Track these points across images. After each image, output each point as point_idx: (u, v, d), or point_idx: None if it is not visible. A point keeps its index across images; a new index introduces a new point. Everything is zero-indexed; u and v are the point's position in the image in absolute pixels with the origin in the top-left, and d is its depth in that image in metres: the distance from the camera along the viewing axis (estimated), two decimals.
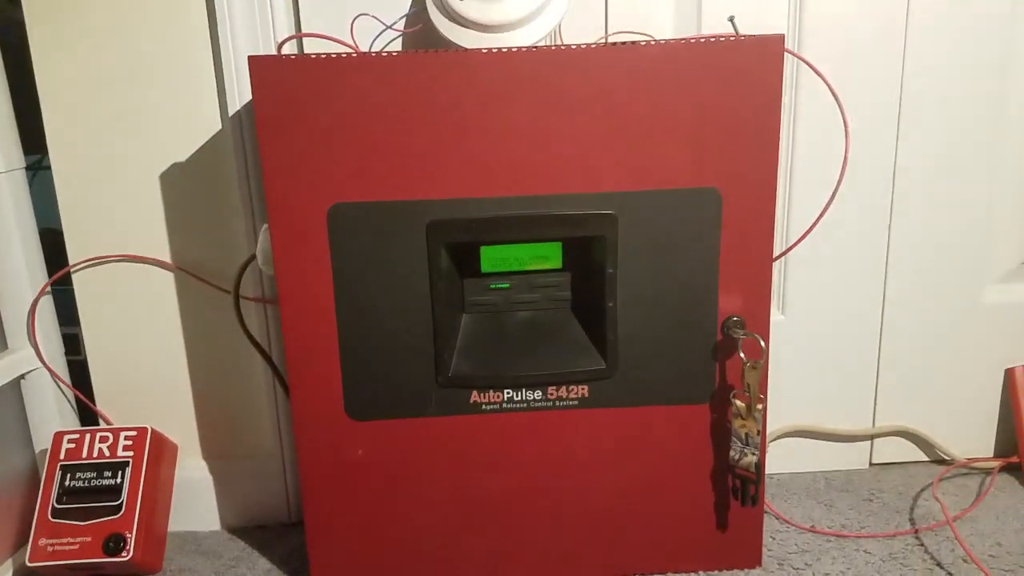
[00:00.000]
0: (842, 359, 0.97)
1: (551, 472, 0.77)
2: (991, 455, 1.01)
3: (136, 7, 0.81)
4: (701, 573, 0.80)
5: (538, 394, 0.75)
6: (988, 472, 0.98)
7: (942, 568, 0.79)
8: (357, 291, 0.71)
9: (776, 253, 0.90)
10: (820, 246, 0.92)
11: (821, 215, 0.77)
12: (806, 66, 0.81)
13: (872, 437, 1.00)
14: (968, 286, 0.95)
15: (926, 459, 1.01)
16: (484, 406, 0.75)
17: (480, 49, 0.67)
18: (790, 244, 0.90)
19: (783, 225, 0.92)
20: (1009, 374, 0.98)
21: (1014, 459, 0.97)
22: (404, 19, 0.80)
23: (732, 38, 0.66)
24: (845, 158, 0.77)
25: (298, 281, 0.71)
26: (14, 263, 0.87)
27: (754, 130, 0.69)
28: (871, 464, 1.01)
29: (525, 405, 0.75)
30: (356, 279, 0.71)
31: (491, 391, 0.75)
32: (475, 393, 0.75)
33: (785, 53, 0.68)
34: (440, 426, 0.75)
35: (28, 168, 0.90)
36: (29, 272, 0.88)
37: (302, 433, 0.74)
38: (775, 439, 0.98)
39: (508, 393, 0.75)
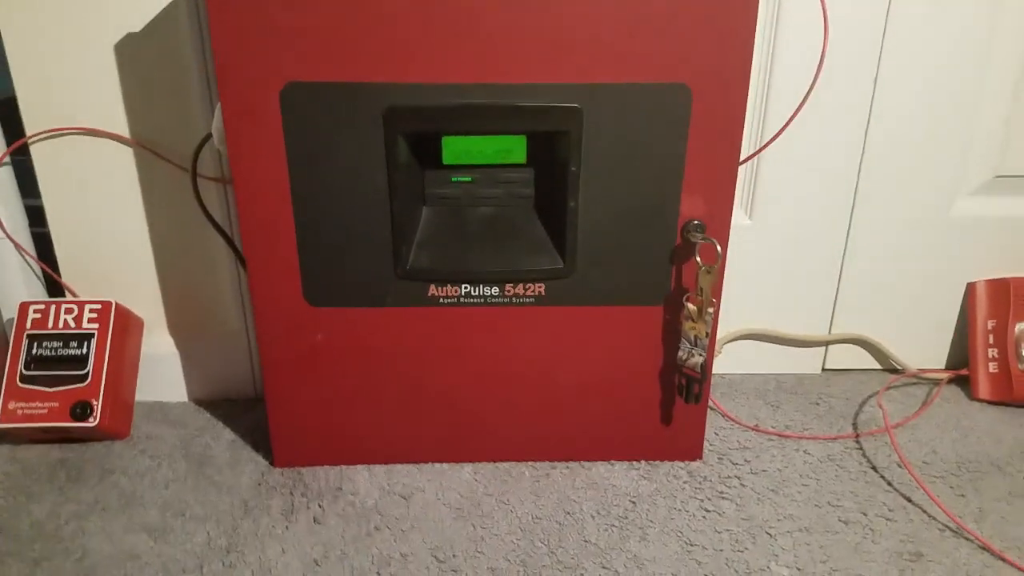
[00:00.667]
0: (805, 266, 0.97)
1: (505, 364, 0.79)
2: (943, 366, 1.04)
3: None
4: (644, 463, 0.84)
5: (495, 290, 0.75)
6: (936, 383, 1.01)
7: (876, 471, 0.83)
8: (313, 177, 0.70)
9: (746, 155, 0.88)
10: (792, 150, 0.91)
11: (792, 117, 0.75)
12: None
13: (827, 343, 1.02)
14: (939, 197, 0.95)
15: (879, 367, 1.04)
16: (441, 299, 0.76)
17: None
18: (760, 146, 0.88)
19: (757, 128, 0.90)
20: (970, 288, 0.99)
21: (964, 371, 1.00)
22: None
23: None
24: (822, 56, 0.74)
25: (251, 163, 0.69)
26: None
27: (729, 25, 0.66)
28: (823, 370, 1.04)
29: (482, 300, 0.76)
30: (312, 164, 0.70)
31: (448, 285, 0.75)
32: (432, 287, 0.75)
33: None
34: (398, 316, 0.76)
35: None
36: None
37: (261, 317, 0.75)
38: (730, 341, 1.00)
39: (465, 288, 0.75)
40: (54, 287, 0.95)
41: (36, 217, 0.92)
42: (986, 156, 0.93)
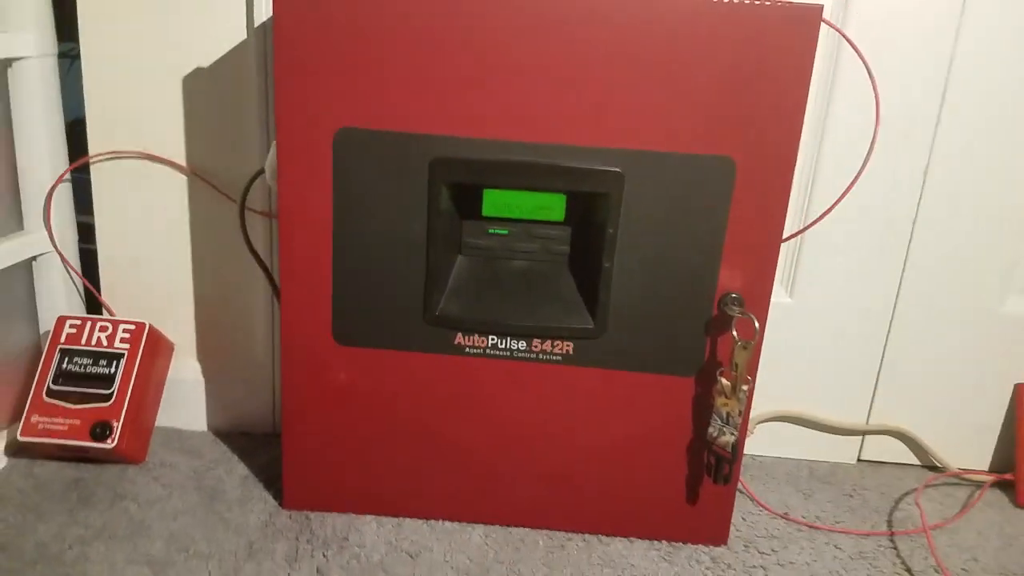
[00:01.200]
0: (845, 350, 0.94)
1: (527, 423, 0.77)
2: (986, 469, 0.99)
3: None
4: (665, 543, 0.80)
5: (522, 344, 0.75)
6: (979, 485, 0.96)
7: (911, 574, 0.78)
8: (356, 218, 0.71)
9: (791, 232, 0.87)
10: (839, 232, 0.89)
11: (840, 199, 0.74)
12: (846, 42, 0.77)
13: (864, 433, 0.98)
14: (989, 293, 0.91)
15: (917, 463, 0.99)
16: (467, 348, 0.75)
17: None
18: (805, 225, 0.87)
19: (803, 206, 0.89)
20: (1018, 389, 0.95)
21: (1008, 476, 0.95)
22: None
23: (768, 3, 0.63)
24: (873, 142, 0.73)
25: (298, 200, 0.71)
26: (37, 148, 0.88)
27: (779, 103, 0.66)
28: (859, 460, 1.00)
29: (508, 354, 0.75)
30: (356, 206, 0.71)
31: (476, 335, 0.74)
32: (460, 335, 0.74)
33: (823, 25, 0.64)
34: (423, 362, 0.75)
35: (63, 56, 0.90)
36: (51, 158, 0.89)
37: (288, 350, 0.75)
38: (764, 421, 0.97)
39: (492, 339, 0.75)
40: (94, 304, 0.97)
41: (86, 234, 0.95)
42: None
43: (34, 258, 0.91)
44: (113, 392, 0.86)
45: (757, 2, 0.63)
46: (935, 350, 0.94)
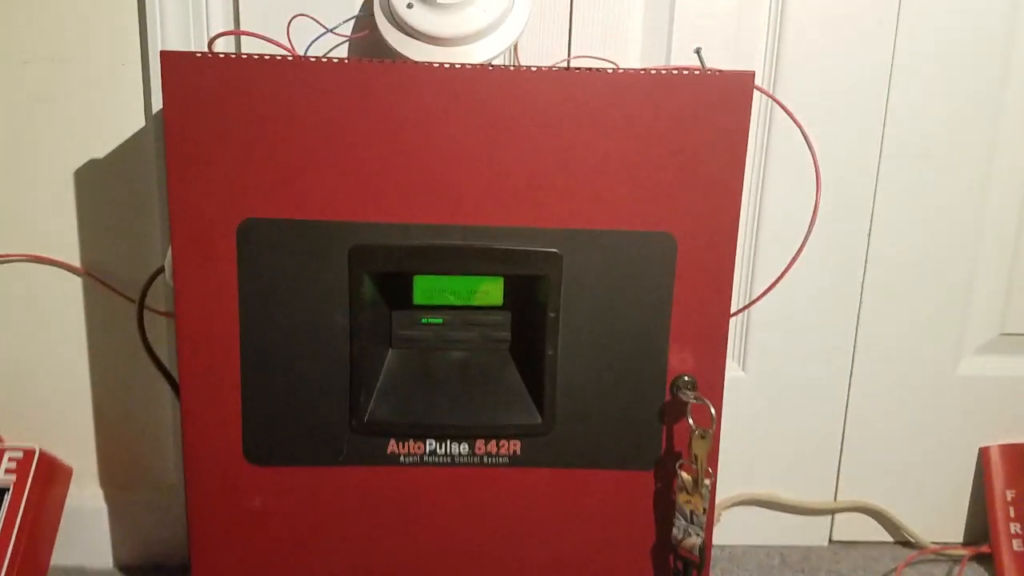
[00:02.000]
0: (805, 425, 0.90)
1: (475, 537, 0.69)
2: (960, 540, 0.94)
3: None
4: None
5: (464, 448, 0.67)
6: (956, 560, 0.91)
7: None
8: (267, 316, 0.63)
9: (738, 307, 0.83)
10: (787, 301, 0.86)
11: (786, 270, 0.71)
12: (780, 108, 0.75)
13: (833, 512, 0.92)
14: (943, 355, 0.89)
15: (891, 540, 0.94)
16: (402, 457, 0.67)
17: (423, 63, 0.60)
18: (753, 298, 0.83)
19: (747, 277, 0.86)
20: (983, 453, 0.91)
21: (985, 548, 0.90)
22: (350, 24, 0.73)
23: (698, 71, 0.60)
24: (815, 208, 0.71)
25: (198, 301, 0.63)
26: None
27: (717, 173, 0.63)
28: (831, 541, 0.94)
29: (449, 460, 0.67)
30: (266, 302, 0.63)
31: (411, 441, 0.67)
32: (393, 442, 0.67)
33: (756, 92, 0.62)
34: (352, 477, 0.67)
35: None
36: None
37: (193, 475, 0.66)
38: (728, 507, 0.91)
39: (431, 444, 0.67)
40: None
41: None
42: (990, 312, 0.89)
43: None
44: None
45: (687, 71, 0.60)
46: (896, 419, 0.90)
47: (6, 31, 0.75)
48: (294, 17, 0.71)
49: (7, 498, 0.76)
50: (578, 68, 0.61)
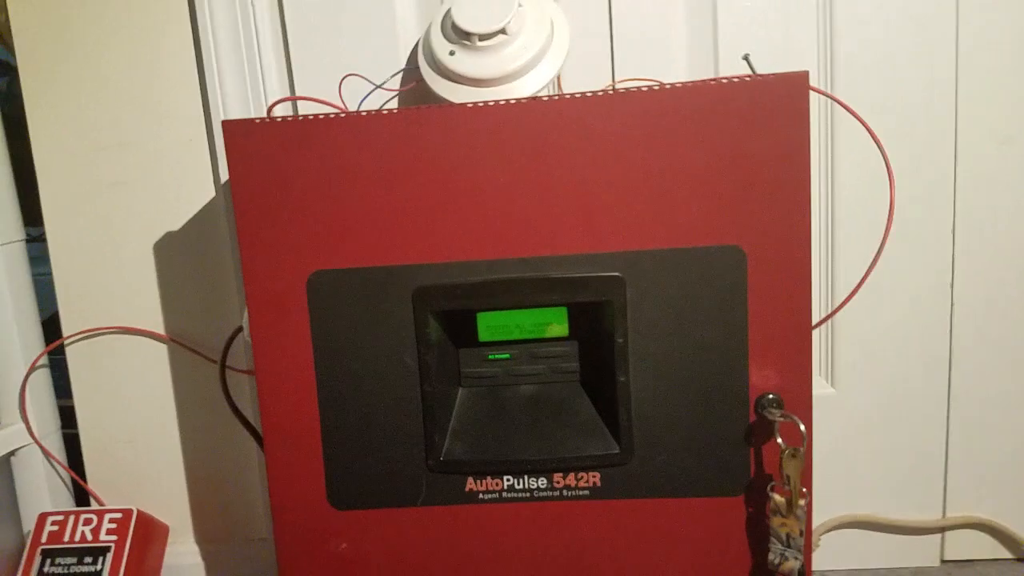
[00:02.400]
0: (904, 437, 0.84)
1: (558, 572, 0.67)
2: None
3: (127, 75, 0.79)
4: None
5: (543, 482, 0.66)
6: None
7: None
8: (340, 365, 0.65)
9: (819, 318, 0.80)
10: (873, 308, 0.82)
11: (866, 275, 0.67)
12: (840, 107, 0.73)
13: (943, 530, 0.86)
14: None
15: (1009, 556, 0.86)
16: (481, 495, 0.66)
17: (467, 103, 0.61)
18: (834, 307, 0.80)
19: (826, 286, 0.82)
20: None
21: None
22: (398, 78, 0.76)
23: (748, 78, 0.59)
24: (891, 208, 0.67)
25: (275, 354, 0.65)
26: (8, 337, 0.84)
27: (781, 179, 0.60)
28: (943, 561, 0.87)
29: (528, 495, 0.66)
30: (339, 352, 0.65)
31: (488, 478, 0.66)
32: (471, 480, 0.66)
33: (812, 92, 0.60)
34: (432, 517, 0.67)
35: (33, 240, 0.89)
36: (23, 345, 0.85)
37: (280, 523, 0.67)
38: (828, 531, 0.85)
39: (508, 480, 0.66)
40: (81, 493, 0.89)
41: (69, 418, 0.89)
42: None
43: (12, 452, 0.85)
44: None
45: (736, 79, 0.59)
46: (1004, 421, 0.84)
47: (79, 122, 0.80)
48: (345, 77, 0.74)
49: (109, 558, 0.79)
50: (623, 89, 0.60)
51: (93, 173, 0.81)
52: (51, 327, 0.88)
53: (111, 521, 0.81)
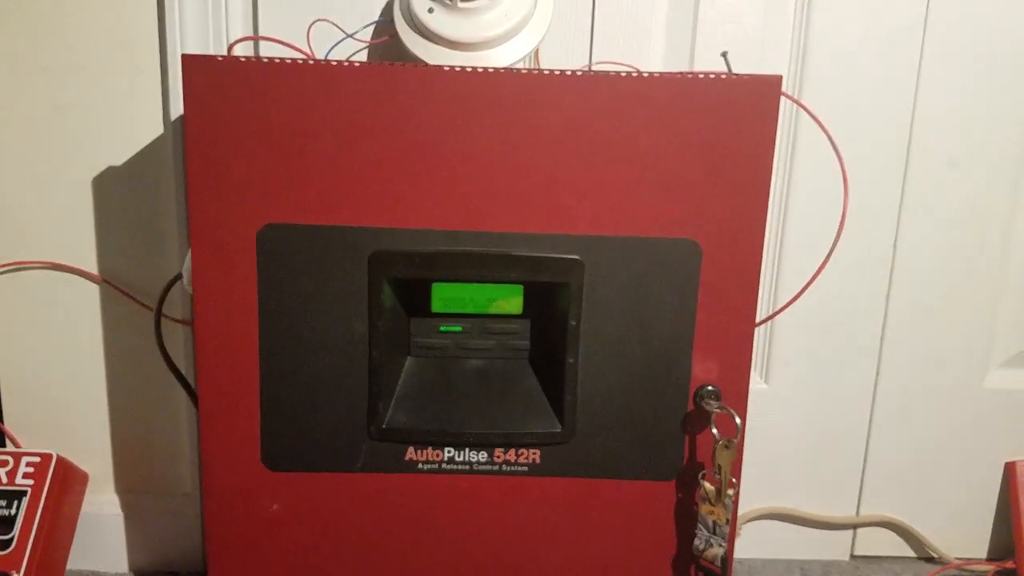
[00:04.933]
0: (828, 437, 0.88)
1: (493, 545, 0.68)
2: (984, 555, 0.92)
3: None
4: None
5: (483, 455, 0.66)
6: None
7: None
8: (286, 323, 0.63)
9: (762, 316, 0.82)
10: (812, 312, 0.85)
11: (812, 279, 0.69)
12: (806, 113, 0.74)
13: (855, 526, 0.91)
14: (970, 368, 0.87)
15: (913, 555, 0.92)
16: (420, 465, 0.66)
17: (443, 66, 0.59)
18: (778, 307, 0.82)
19: (771, 286, 0.84)
20: (1009, 468, 0.89)
21: (1009, 564, 0.88)
22: (370, 29, 0.73)
23: (724, 76, 0.60)
24: (842, 218, 0.70)
25: (218, 306, 0.63)
26: None
27: (743, 179, 0.62)
28: (852, 556, 0.92)
29: (467, 467, 0.66)
30: (285, 310, 0.63)
31: (429, 448, 0.66)
32: (411, 449, 0.66)
33: (782, 97, 0.61)
34: (370, 484, 0.66)
35: None
36: None
37: (210, 480, 0.65)
38: (748, 521, 0.89)
39: (449, 452, 0.66)
40: None
41: None
42: (1017, 325, 0.87)
43: None
44: (13, 537, 0.74)
45: (712, 75, 0.59)
46: (920, 432, 0.89)
47: (25, 39, 0.75)
48: (314, 22, 0.71)
49: (25, 502, 0.76)
50: (602, 72, 0.60)
51: (34, 94, 0.76)
52: None
53: (28, 465, 0.77)
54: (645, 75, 0.60)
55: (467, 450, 0.66)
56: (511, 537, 0.68)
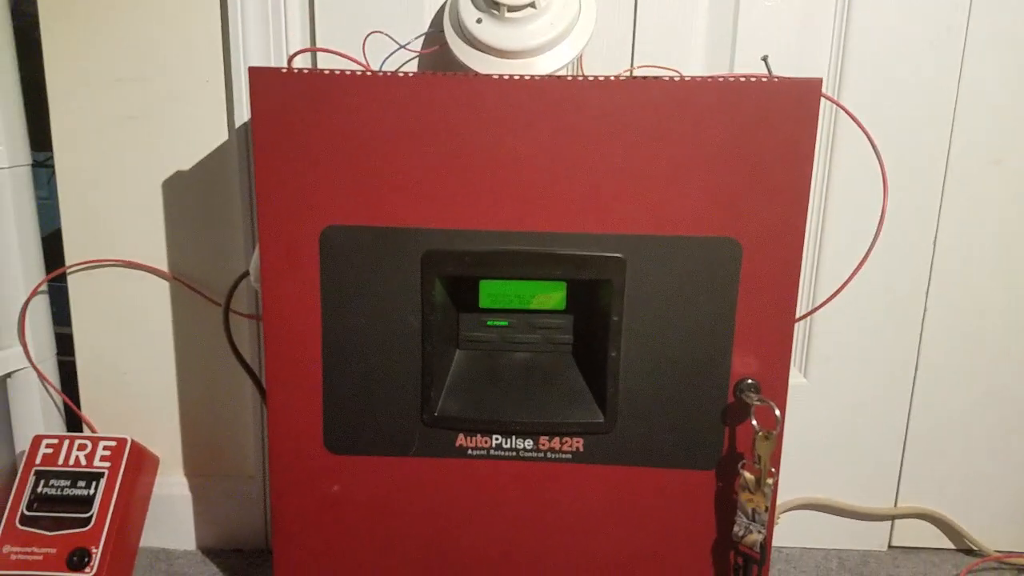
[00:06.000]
0: (866, 431, 0.90)
1: (536, 528, 0.71)
2: None
3: (151, 8, 0.79)
4: None
5: (529, 443, 0.70)
6: (1020, 569, 0.89)
7: None
8: (346, 318, 0.67)
9: (801, 312, 0.84)
10: (850, 307, 0.86)
11: (852, 275, 0.71)
12: (845, 114, 0.76)
13: (893, 518, 0.92)
14: (1012, 360, 0.88)
15: (952, 547, 0.93)
16: (470, 451, 0.70)
17: (491, 75, 0.63)
18: (817, 304, 0.84)
19: (810, 282, 0.86)
20: None
21: None
22: (421, 39, 0.77)
23: (765, 79, 0.62)
24: (882, 216, 0.71)
25: (284, 302, 0.67)
26: (10, 260, 0.85)
27: (783, 180, 0.64)
28: (890, 547, 0.93)
29: (514, 454, 0.70)
30: (345, 305, 0.67)
31: (478, 435, 0.70)
32: (461, 436, 0.70)
33: (822, 99, 0.63)
34: (422, 468, 0.70)
35: (39, 165, 0.89)
36: (25, 270, 0.86)
37: (276, 462, 0.70)
38: (787, 511, 0.91)
39: (497, 439, 0.70)
40: (75, 420, 0.91)
41: (66, 346, 0.91)
42: None
43: (8, 375, 0.87)
44: (92, 516, 0.80)
45: (753, 78, 0.62)
46: (960, 424, 0.89)
47: (98, 53, 0.80)
48: (370, 34, 0.75)
49: (102, 483, 0.81)
50: (643, 76, 0.63)
51: (108, 104, 0.81)
52: (47, 248, 0.89)
53: (105, 448, 0.83)
54: (687, 79, 0.62)
55: (514, 438, 0.70)
56: (555, 521, 0.71)
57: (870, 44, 0.80)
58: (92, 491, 0.81)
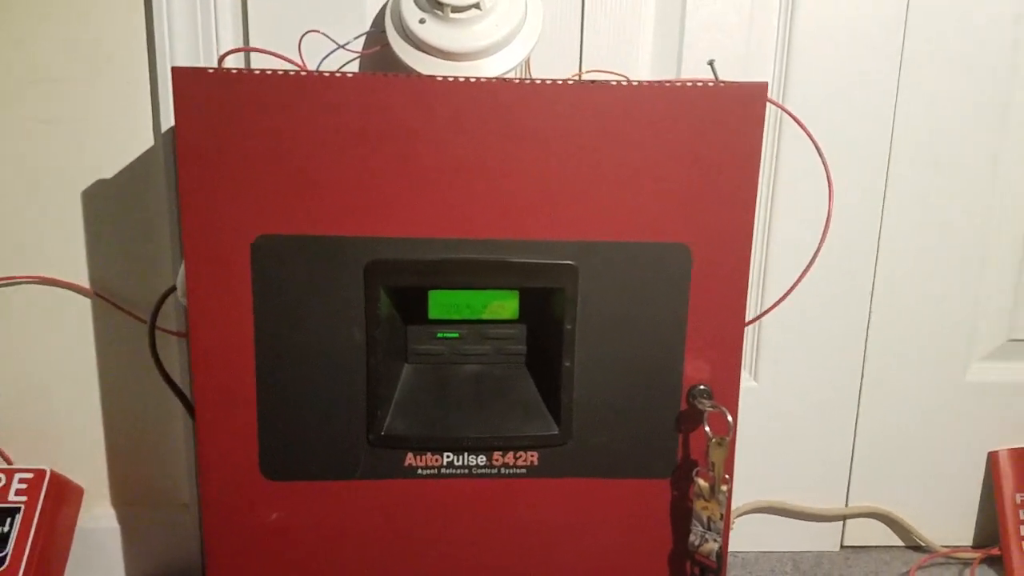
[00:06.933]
0: (816, 432, 0.90)
1: (492, 548, 0.68)
2: (971, 543, 0.94)
3: (69, 5, 0.74)
4: None
5: (482, 459, 0.67)
6: (967, 563, 0.91)
7: None
8: (282, 334, 0.63)
9: (750, 317, 0.84)
10: (798, 311, 0.86)
11: (800, 279, 0.71)
12: (790, 118, 0.76)
13: (844, 518, 0.93)
14: (952, 362, 0.90)
15: (901, 544, 0.94)
16: (420, 470, 0.67)
17: (436, 76, 0.60)
18: (765, 308, 0.84)
19: (758, 287, 0.86)
20: (992, 457, 0.92)
21: (995, 550, 0.90)
22: (362, 40, 0.74)
23: (711, 84, 0.61)
24: (828, 219, 0.71)
25: (213, 318, 0.63)
26: None
27: (730, 184, 0.63)
28: (842, 547, 0.94)
29: (467, 471, 0.67)
30: (281, 320, 0.63)
31: (428, 454, 0.67)
32: (410, 455, 0.67)
33: (768, 103, 0.62)
34: (369, 491, 0.67)
35: None
36: None
37: (209, 490, 0.65)
38: (741, 515, 0.91)
39: (448, 457, 0.67)
40: None
41: None
42: (998, 318, 0.89)
43: None
44: (7, 556, 0.74)
45: (700, 84, 0.61)
46: (906, 425, 0.91)
47: (10, 52, 0.75)
48: (305, 33, 0.71)
49: (18, 519, 0.75)
50: (592, 81, 0.61)
51: (22, 108, 0.75)
52: None
53: (21, 481, 0.77)
54: (634, 84, 0.61)
55: (466, 454, 0.67)
56: (511, 538, 0.68)
57: (813, 48, 0.80)
58: (6, 528, 0.75)
